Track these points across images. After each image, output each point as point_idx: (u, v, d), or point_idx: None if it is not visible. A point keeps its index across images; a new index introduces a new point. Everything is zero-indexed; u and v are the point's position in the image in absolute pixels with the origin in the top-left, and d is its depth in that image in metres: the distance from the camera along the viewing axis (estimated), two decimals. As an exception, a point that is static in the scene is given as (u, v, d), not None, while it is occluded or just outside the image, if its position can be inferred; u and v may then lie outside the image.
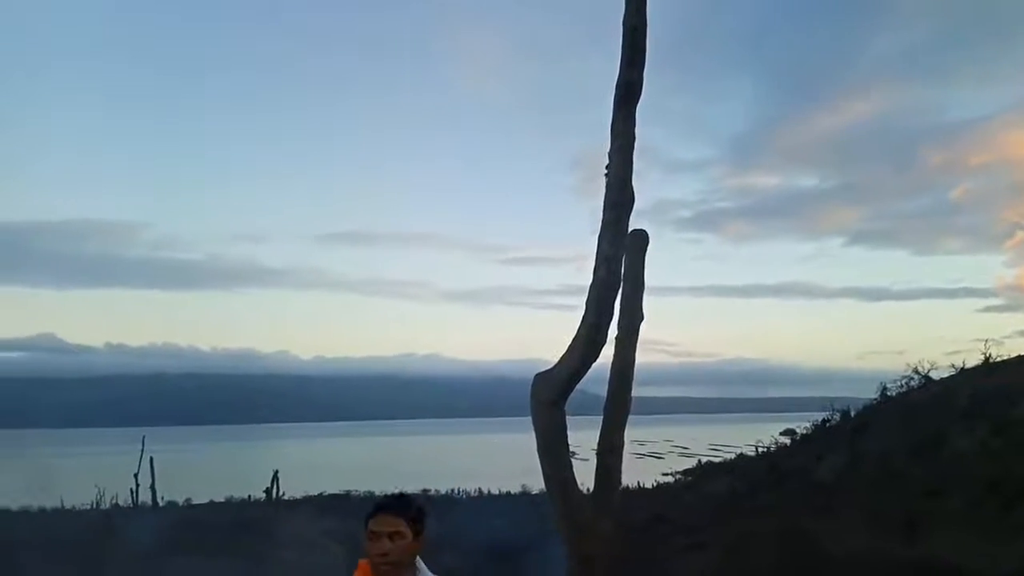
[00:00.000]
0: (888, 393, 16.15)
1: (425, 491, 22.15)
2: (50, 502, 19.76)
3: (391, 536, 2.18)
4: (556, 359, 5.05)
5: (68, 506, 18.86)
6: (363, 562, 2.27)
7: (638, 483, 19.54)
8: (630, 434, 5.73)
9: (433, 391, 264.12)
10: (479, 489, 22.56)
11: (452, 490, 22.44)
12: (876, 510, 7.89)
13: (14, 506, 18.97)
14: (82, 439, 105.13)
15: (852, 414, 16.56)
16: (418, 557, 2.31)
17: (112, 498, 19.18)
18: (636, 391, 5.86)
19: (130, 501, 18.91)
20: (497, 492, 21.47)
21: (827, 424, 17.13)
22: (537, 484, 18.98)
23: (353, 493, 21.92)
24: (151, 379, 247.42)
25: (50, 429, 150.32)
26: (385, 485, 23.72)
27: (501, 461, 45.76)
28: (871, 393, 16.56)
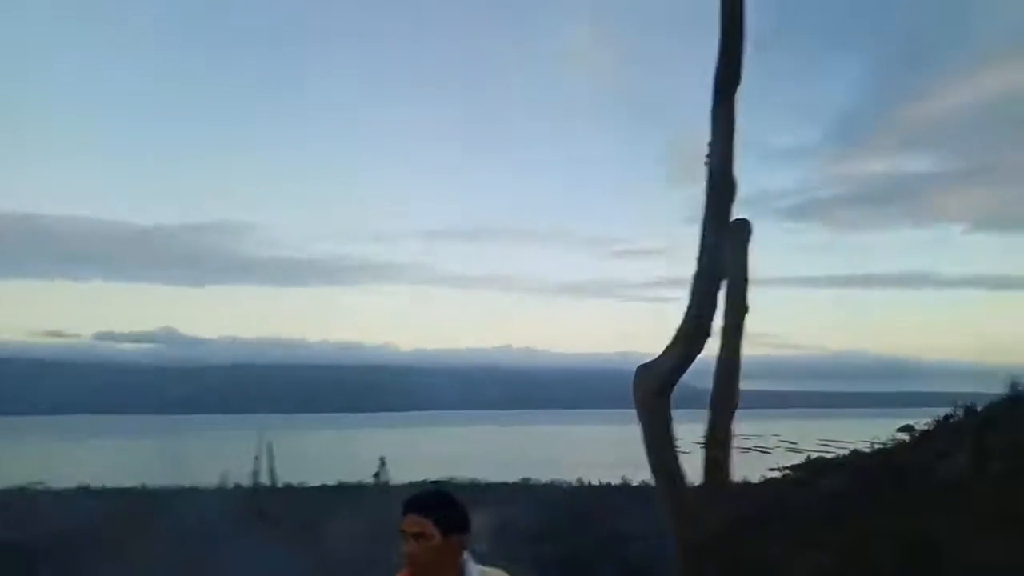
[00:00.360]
0: (1019, 388, 15.10)
1: (526, 480, 22.40)
2: (178, 481, 21.24)
3: (416, 537, 2.11)
4: (652, 351, 5.03)
5: (197, 486, 20.16)
6: (403, 573, 2.19)
7: (744, 478, 19.11)
8: (734, 428, 5.62)
9: (531, 382, 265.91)
10: (579, 479, 22.60)
11: (552, 480, 22.57)
12: (1006, 511, 7.42)
13: (150, 484, 20.52)
14: (203, 425, 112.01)
15: (978, 410, 15.57)
16: (465, 555, 2.21)
17: (234, 480, 20.36)
18: (741, 384, 5.73)
19: (251, 482, 20.02)
20: (598, 483, 21.46)
21: (950, 420, 16.17)
22: (638, 476, 18.94)
23: (455, 480, 22.43)
24: (263, 370, 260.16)
25: (175, 416, 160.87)
26: (485, 472, 24.20)
27: (599, 452, 45.62)
28: (999, 388, 15.53)
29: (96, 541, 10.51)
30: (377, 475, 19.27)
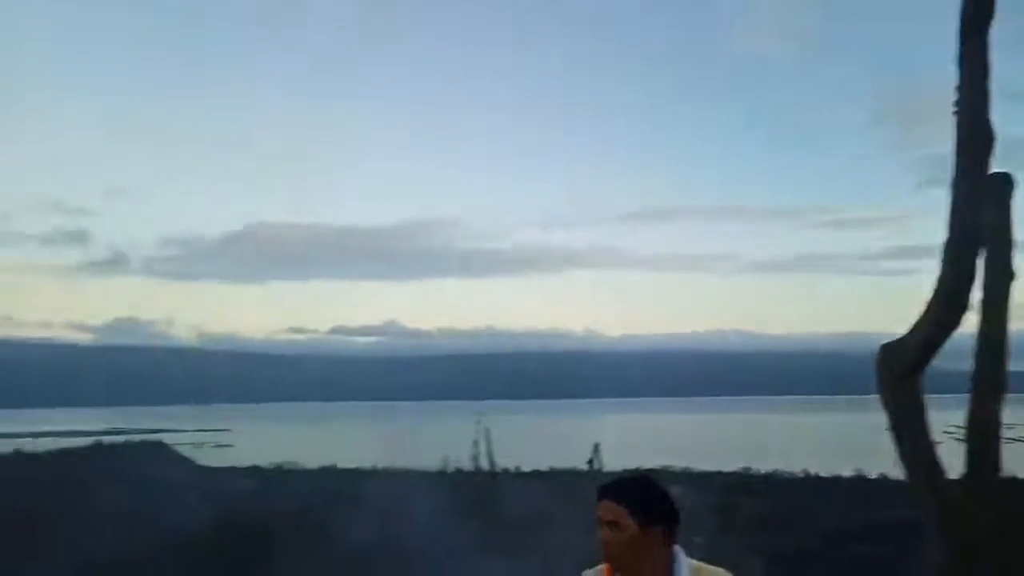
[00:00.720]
0: None
1: (746, 469, 21.44)
2: (404, 464, 22.80)
3: (610, 525, 1.97)
4: (883, 330, 4.49)
5: (422, 468, 21.54)
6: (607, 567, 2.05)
7: (1012, 472, 16.93)
8: (1001, 414, 4.87)
9: (742, 367, 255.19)
10: (804, 470, 21.21)
11: (774, 470, 21.40)
12: None
13: (380, 465, 22.26)
14: (424, 411, 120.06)
15: None
16: (675, 549, 2.01)
17: (455, 464, 21.47)
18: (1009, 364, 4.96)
19: (471, 466, 20.98)
20: (826, 475, 19.99)
21: None
22: (874, 468, 17.44)
23: (669, 468, 22.01)
24: (477, 358, 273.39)
25: (399, 402, 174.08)
26: (700, 462, 23.47)
27: (826, 441, 42.73)
28: None
29: (341, 512, 11.58)
30: (590, 462, 19.36)
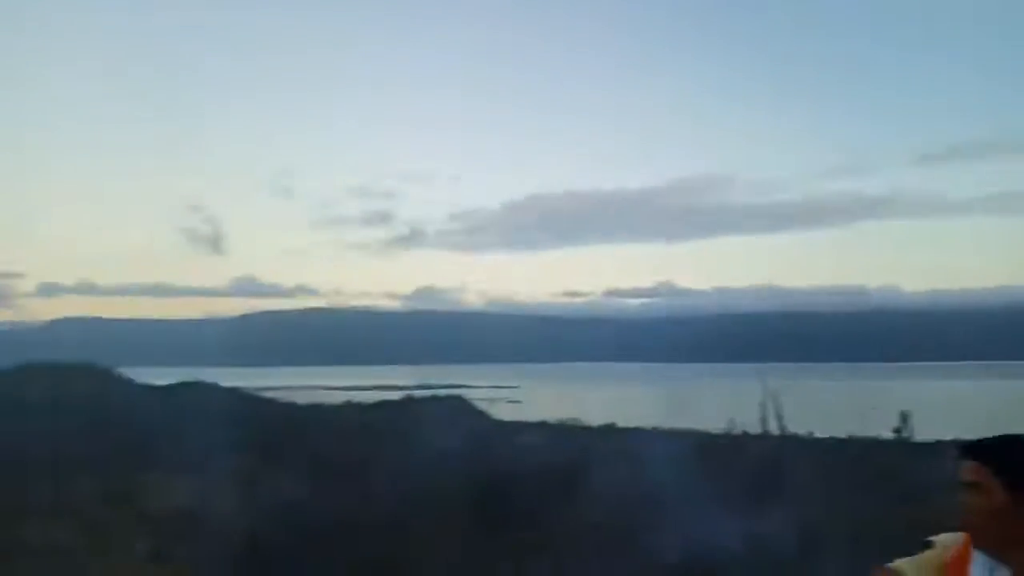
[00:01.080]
0: None
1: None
2: (685, 425, 22.54)
3: (971, 488, 1.67)
4: None
5: (704, 430, 21.15)
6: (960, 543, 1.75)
7: None
8: None
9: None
10: None
11: None
12: None
13: (662, 426, 22.26)
14: (702, 373, 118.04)
15: None
16: None
17: (741, 427, 20.72)
18: None
19: (759, 430, 20.09)
20: None
21: None
22: None
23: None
24: (755, 318, 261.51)
25: (675, 364, 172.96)
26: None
27: None
28: None
29: (620, 467, 11.79)
30: (898, 430, 17.45)
